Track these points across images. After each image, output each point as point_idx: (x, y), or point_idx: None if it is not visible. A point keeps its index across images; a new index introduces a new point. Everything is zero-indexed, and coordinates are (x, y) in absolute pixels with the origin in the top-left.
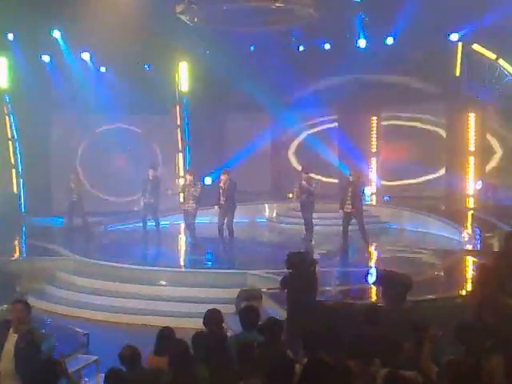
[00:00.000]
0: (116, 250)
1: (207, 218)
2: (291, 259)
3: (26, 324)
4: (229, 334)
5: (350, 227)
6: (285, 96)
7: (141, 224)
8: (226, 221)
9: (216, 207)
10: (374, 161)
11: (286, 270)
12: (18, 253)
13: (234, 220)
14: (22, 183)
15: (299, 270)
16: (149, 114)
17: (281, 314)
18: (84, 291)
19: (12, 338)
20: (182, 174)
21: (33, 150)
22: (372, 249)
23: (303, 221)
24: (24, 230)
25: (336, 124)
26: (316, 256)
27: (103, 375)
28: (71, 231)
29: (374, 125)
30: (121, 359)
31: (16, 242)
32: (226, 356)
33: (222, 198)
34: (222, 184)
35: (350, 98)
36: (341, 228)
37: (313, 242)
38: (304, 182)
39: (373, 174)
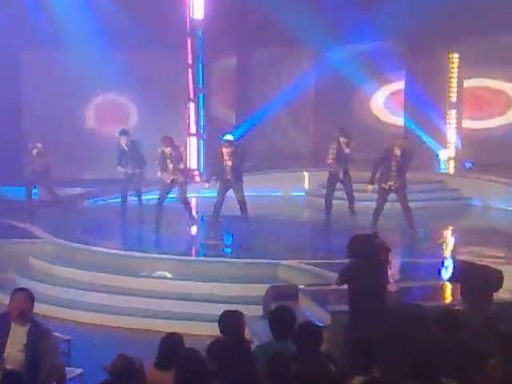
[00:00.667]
0: (104, 231)
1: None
2: (355, 244)
3: (29, 316)
4: (254, 343)
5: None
6: (334, 26)
7: (134, 198)
8: (238, 198)
9: (207, 184)
10: (452, 114)
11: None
12: None
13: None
14: None
15: (366, 259)
16: (150, 49)
17: (323, 317)
18: (65, 284)
19: (19, 330)
20: (192, 130)
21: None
22: (446, 232)
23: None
24: None
25: (402, 62)
26: None
27: None
28: (42, 207)
29: (455, 63)
30: (111, 373)
31: None
32: (250, 371)
33: (227, 174)
34: (226, 158)
35: (421, 25)
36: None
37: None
38: (344, 146)
39: (451, 132)
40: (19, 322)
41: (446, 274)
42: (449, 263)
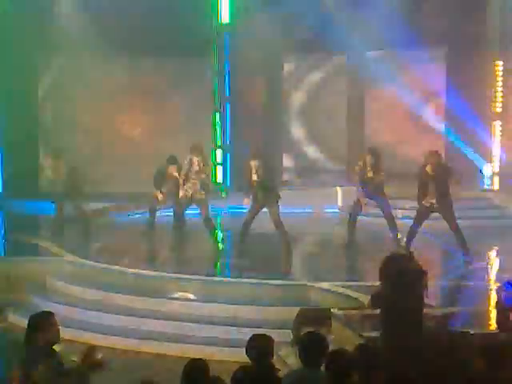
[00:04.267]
0: (128, 250)
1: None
2: (388, 267)
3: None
4: (282, 370)
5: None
6: (369, 31)
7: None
8: (272, 218)
9: (246, 200)
10: (497, 125)
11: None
12: None
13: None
14: None
15: (400, 283)
16: (170, 56)
17: (356, 344)
18: (84, 306)
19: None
20: (217, 142)
21: (16, 106)
22: (491, 254)
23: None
24: (1, 217)
25: (444, 69)
26: None
27: None
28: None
29: (499, 72)
30: None
31: None
32: None
33: (255, 189)
34: (254, 172)
35: (462, 31)
36: None
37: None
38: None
39: (495, 146)
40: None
41: (495, 299)
42: (497, 288)
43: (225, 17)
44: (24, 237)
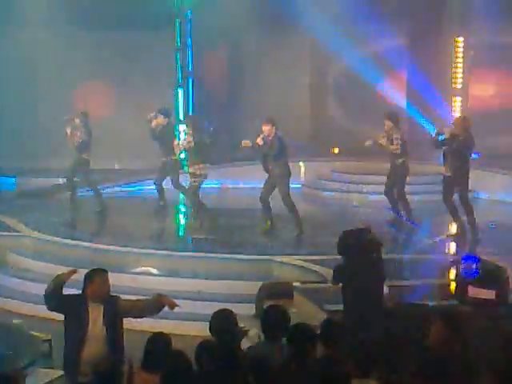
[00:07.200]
0: (96, 225)
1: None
2: (346, 240)
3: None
4: (246, 343)
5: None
6: (330, 6)
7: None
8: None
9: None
10: (457, 102)
11: (331, 257)
12: None
13: (252, 185)
14: None
15: (358, 256)
16: (132, 29)
17: (319, 316)
18: (45, 281)
19: (96, 309)
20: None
21: None
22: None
23: (395, 195)
24: None
25: (403, 46)
26: None
27: None
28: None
29: (460, 48)
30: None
31: None
32: (241, 375)
33: (266, 162)
34: (259, 139)
35: (423, 8)
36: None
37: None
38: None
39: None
40: (97, 301)
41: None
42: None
43: None
44: None
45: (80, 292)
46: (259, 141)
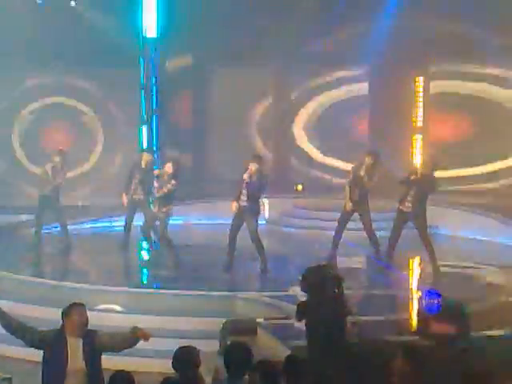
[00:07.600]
0: (60, 263)
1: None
2: (308, 277)
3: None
4: (208, 381)
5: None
6: (296, 46)
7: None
8: (249, 229)
9: (234, 205)
10: (418, 139)
11: (295, 293)
12: None
13: (218, 221)
14: None
15: (320, 293)
16: (101, 66)
17: (283, 353)
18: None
19: (75, 343)
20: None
21: None
22: (412, 264)
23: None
24: None
25: (366, 86)
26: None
27: None
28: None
29: (420, 88)
30: None
31: None
32: None
33: (242, 196)
34: (246, 175)
35: (385, 50)
36: None
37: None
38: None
39: (417, 158)
40: (76, 335)
41: (424, 307)
42: (427, 296)
43: (151, 31)
44: None
45: (58, 327)
46: (246, 177)
